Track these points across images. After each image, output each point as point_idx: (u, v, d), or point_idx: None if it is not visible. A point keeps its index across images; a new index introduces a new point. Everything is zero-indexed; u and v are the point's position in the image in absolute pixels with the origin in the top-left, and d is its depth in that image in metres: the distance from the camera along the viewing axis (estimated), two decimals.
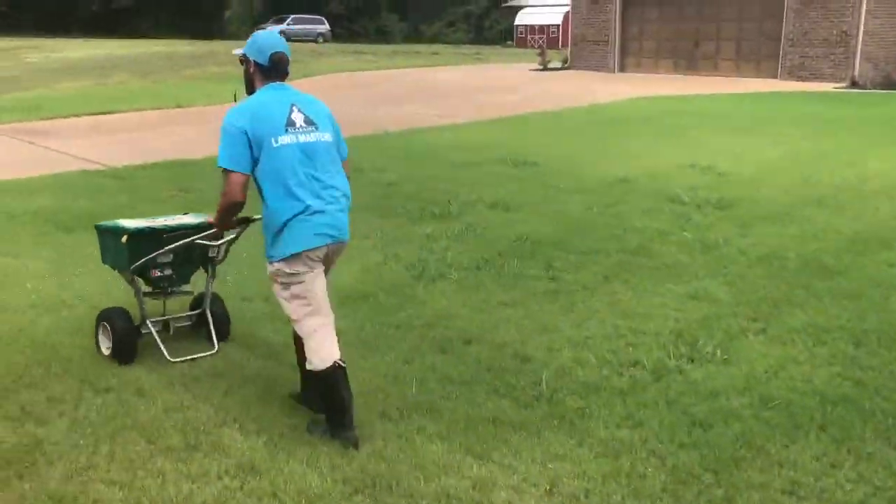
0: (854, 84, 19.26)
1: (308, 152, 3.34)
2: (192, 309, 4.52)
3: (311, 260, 3.36)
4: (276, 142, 3.28)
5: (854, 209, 7.14)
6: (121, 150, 10.47)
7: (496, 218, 7.06)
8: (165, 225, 4.16)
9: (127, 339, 4.10)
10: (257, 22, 54.60)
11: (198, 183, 8.51)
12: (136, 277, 4.16)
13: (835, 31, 19.40)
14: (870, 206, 7.25)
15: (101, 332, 4.19)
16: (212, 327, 4.30)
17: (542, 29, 55.49)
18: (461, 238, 6.47)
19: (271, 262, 3.37)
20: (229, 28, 55.89)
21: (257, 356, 4.24)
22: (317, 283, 3.42)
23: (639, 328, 4.63)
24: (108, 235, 4.24)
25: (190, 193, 8.07)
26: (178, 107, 15.35)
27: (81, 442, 3.30)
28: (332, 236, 3.40)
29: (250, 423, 3.49)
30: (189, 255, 4.21)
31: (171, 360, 4.07)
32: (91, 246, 5.21)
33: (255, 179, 3.31)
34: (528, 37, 55.74)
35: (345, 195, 3.50)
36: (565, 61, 25.32)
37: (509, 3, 62.82)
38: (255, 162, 3.27)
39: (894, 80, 19.29)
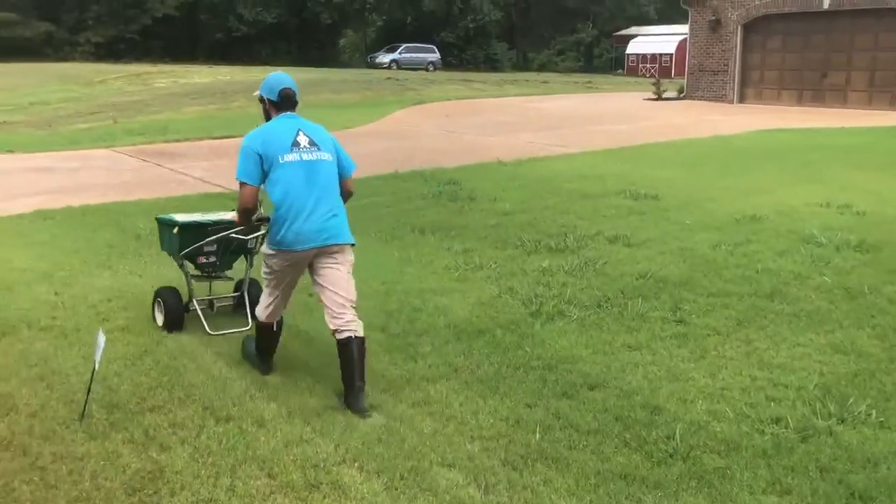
0: None
1: (309, 168, 4.10)
2: (234, 291, 5.31)
3: (294, 257, 4.10)
4: (283, 159, 4.06)
5: None
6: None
7: (616, 253, 6.78)
8: (210, 220, 5.00)
9: (176, 313, 4.91)
10: (370, 50, 56.13)
11: None
12: (185, 262, 5.00)
13: None
14: None
15: (156, 307, 5.02)
16: (248, 308, 4.96)
17: (654, 58, 54.63)
18: (580, 273, 6.24)
19: (267, 246, 4.18)
20: (342, 57, 57.62)
21: (376, 390, 4.12)
22: (287, 274, 4.20)
23: (779, 381, 4.28)
24: (164, 227, 5.12)
25: None
26: None
27: (203, 473, 3.25)
28: (317, 242, 4.08)
29: (370, 463, 3.37)
30: (230, 245, 4.97)
31: (211, 333, 4.83)
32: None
33: (265, 188, 4.11)
34: (640, 65, 54.96)
35: (335, 206, 4.18)
36: (681, 91, 24.67)
37: (621, 32, 62.24)
38: (264, 176, 4.09)
39: None
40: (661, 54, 54.38)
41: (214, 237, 4.82)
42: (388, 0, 53.67)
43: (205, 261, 5.02)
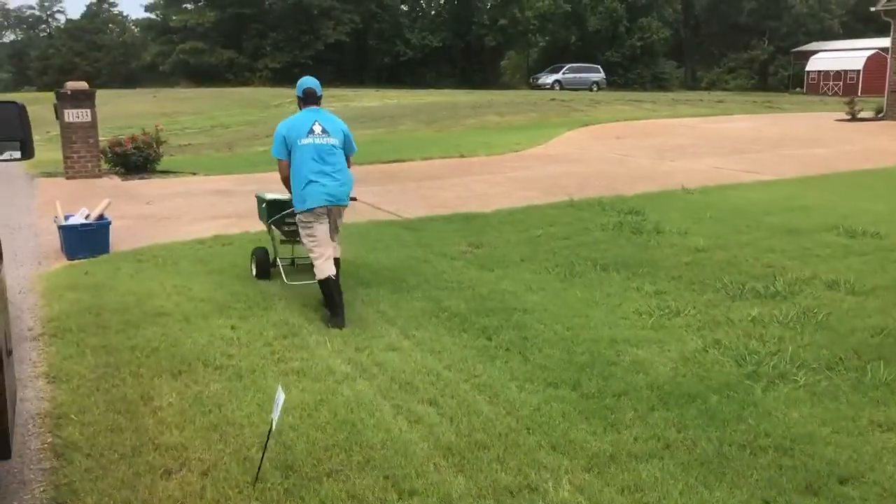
0: None
1: (319, 149, 5.62)
2: None
3: (317, 214, 5.65)
4: (301, 142, 5.62)
5: None
6: (409, 200, 10.55)
7: (840, 302, 5.84)
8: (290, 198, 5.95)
9: (263, 266, 6.55)
10: (533, 71, 55.86)
11: (488, 237, 8.17)
12: (272, 228, 6.54)
13: None
14: None
15: (252, 262, 6.63)
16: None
17: (839, 75, 50.89)
18: (798, 326, 5.37)
19: (297, 213, 5.73)
20: (503, 78, 57.73)
21: (576, 467, 3.54)
22: (320, 227, 5.69)
23: None
24: (258, 202, 6.68)
25: (480, 249, 7.74)
26: (461, 156, 15.50)
27: None
28: (329, 200, 5.64)
29: None
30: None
31: (288, 282, 6.28)
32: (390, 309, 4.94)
33: (291, 164, 5.65)
34: (821, 83, 51.37)
35: (341, 176, 5.67)
36: (879, 111, 22.44)
37: (800, 48, 58.43)
38: (289, 154, 5.65)
39: None
40: (846, 71, 50.61)
41: (289, 210, 6.03)
42: (553, 20, 53.16)
43: (287, 229, 6.40)
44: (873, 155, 14.21)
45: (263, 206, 6.52)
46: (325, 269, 5.62)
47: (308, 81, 5.88)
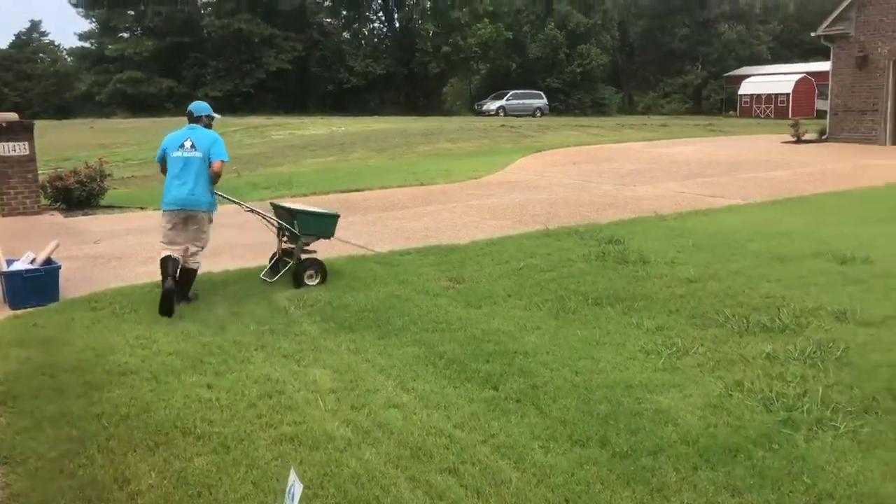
0: None
1: (183, 161, 6.73)
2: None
3: (170, 216, 6.80)
4: (172, 154, 6.80)
5: None
6: (377, 232, 10.06)
7: (853, 335, 5.56)
8: (285, 205, 7.69)
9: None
10: (475, 98, 56.04)
11: (468, 271, 7.74)
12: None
13: None
14: None
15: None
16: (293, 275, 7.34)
17: (770, 98, 52.40)
18: (818, 363, 5.07)
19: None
20: (446, 105, 57.72)
21: None
22: (170, 228, 6.80)
23: None
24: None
25: (462, 284, 7.30)
26: (421, 185, 15.08)
27: None
28: (175, 204, 6.74)
29: None
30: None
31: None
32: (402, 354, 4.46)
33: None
34: (754, 106, 52.78)
35: (192, 185, 6.69)
36: (822, 133, 22.89)
37: (732, 73, 60.04)
38: (164, 162, 6.87)
39: None
40: (776, 94, 52.17)
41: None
42: (494, 48, 53.50)
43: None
44: (831, 177, 14.30)
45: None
46: (162, 252, 6.71)
47: (192, 105, 7.24)
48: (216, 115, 7.30)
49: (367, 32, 57.37)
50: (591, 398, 4.61)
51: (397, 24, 55.23)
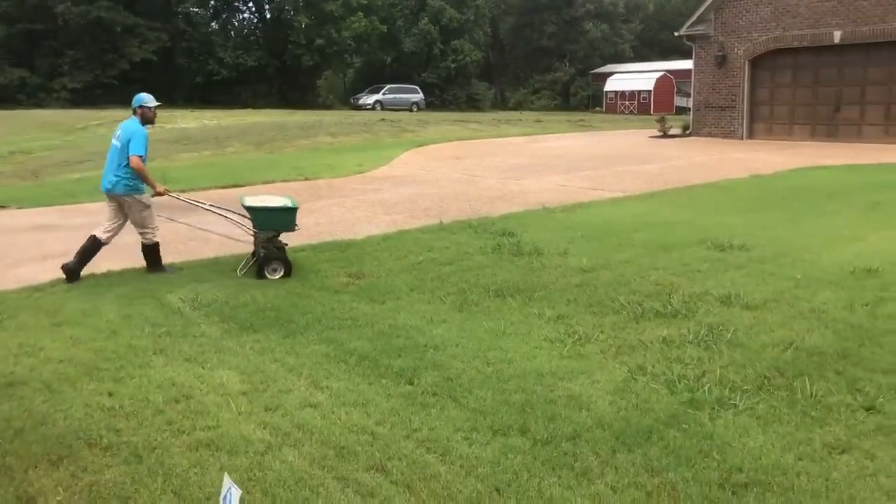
0: None
1: (111, 149, 7.38)
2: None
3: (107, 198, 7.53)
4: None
5: None
6: None
7: (740, 318, 5.91)
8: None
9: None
10: (350, 92, 55.63)
11: (367, 266, 7.68)
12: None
13: None
14: None
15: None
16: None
17: (633, 95, 54.86)
18: (711, 345, 5.36)
19: None
20: (320, 98, 56.91)
21: None
22: (108, 208, 7.62)
23: None
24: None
25: (363, 280, 7.24)
26: (306, 179, 14.82)
27: None
28: (102, 189, 7.45)
29: None
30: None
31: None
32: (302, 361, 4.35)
33: None
34: (619, 102, 55.13)
35: (110, 172, 7.35)
36: (686, 128, 24.19)
37: (598, 70, 62.43)
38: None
39: None
40: (639, 91, 54.68)
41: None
42: (368, 41, 53.21)
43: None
44: (700, 170, 15.13)
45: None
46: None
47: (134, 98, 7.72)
48: (150, 105, 7.49)
49: (236, 23, 55.69)
50: (505, 388, 4.68)
51: (268, 16, 53.90)
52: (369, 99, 46.69)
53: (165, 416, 4.21)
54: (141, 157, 7.19)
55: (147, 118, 7.46)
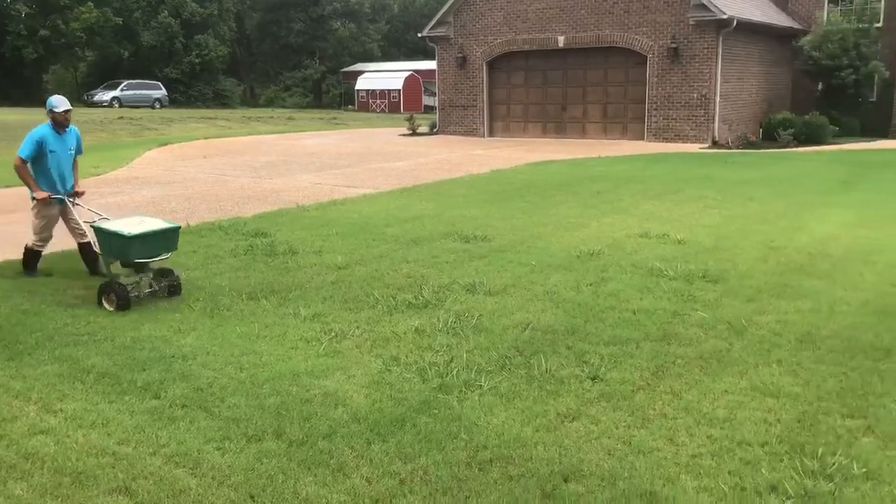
0: (715, 143, 20.33)
1: None
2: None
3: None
4: None
5: (841, 277, 7.01)
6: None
7: (483, 304, 6.30)
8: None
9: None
10: (85, 87, 51.18)
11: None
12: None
13: (695, 95, 20.45)
14: (853, 272, 7.16)
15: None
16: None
17: (384, 94, 56.00)
18: (459, 332, 5.66)
19: None
20: (48, 94, 51.85)
21: None
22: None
23: (735, 437, 4.02)
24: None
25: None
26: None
27: None
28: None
29: None
30: None
31: None
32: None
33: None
34: (370, 101, 56.03)
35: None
36: (433, 126, 25.17)
37: (348, 68, 62.97)
38: None
39: (750, 140, 20.58)
40: (389, 90, 55.93)
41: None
42: (102, 34, 49.25)
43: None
44: (446, 166, 15.84)
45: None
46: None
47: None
48: (58, 109, 7.13)
49: None
50: (259, 392, 4.60)
51: None
52: (106, 95, 43.31)
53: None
54: (22, 158, 6.91)
55: (57, 121, 7.17)
